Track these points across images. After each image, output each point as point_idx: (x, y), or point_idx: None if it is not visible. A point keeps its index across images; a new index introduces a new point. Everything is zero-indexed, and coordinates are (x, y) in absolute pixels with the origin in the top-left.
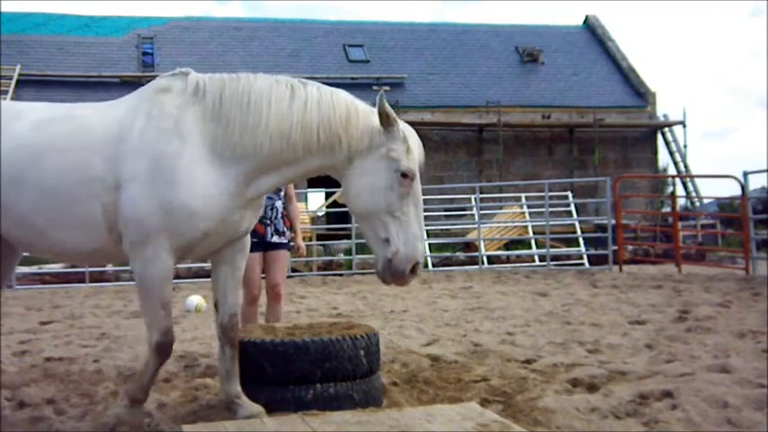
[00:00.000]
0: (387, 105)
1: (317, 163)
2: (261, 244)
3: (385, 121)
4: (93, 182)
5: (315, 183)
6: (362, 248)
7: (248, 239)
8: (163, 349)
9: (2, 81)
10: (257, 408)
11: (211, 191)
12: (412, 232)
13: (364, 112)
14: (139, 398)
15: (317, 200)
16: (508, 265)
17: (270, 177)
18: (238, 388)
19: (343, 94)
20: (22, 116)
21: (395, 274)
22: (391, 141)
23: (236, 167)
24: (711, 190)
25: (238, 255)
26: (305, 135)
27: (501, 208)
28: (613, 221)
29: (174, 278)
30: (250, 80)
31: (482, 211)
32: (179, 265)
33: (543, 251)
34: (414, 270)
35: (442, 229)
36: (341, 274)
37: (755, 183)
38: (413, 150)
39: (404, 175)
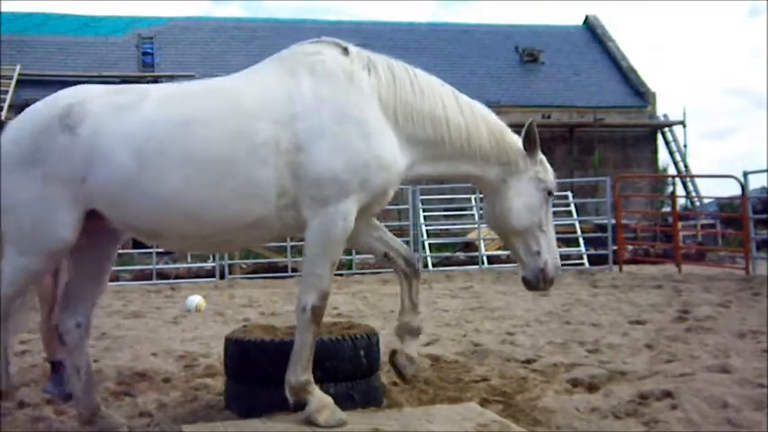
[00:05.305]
0: (536, 132)
1: (467, 169)
2: None
3: (532, 146)
4: (262, 147)
5: None
6: None
7: None
8: (319, 313)
9: (2, 81)
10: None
11: (396, 149)
12: (553, 244)
13: (512, 133)
14: (303, 382)
15: None
16: (508, 265)
17: (425, 166)
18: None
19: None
20: (146, 98)
21: (547, 279)
22: (535, 164)
23: (406, 143)
24: (711, 190)
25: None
26: (477, 135)
27: None
28: (613, 221)
29: (174, 278)
30: (411, 69)
31: (482, 211)
32: (179, 265)
33: None
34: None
35: (442, 229)
36: (341, 274)
37: (755, 183)
38: (550, 170)
39: (549, 193)
